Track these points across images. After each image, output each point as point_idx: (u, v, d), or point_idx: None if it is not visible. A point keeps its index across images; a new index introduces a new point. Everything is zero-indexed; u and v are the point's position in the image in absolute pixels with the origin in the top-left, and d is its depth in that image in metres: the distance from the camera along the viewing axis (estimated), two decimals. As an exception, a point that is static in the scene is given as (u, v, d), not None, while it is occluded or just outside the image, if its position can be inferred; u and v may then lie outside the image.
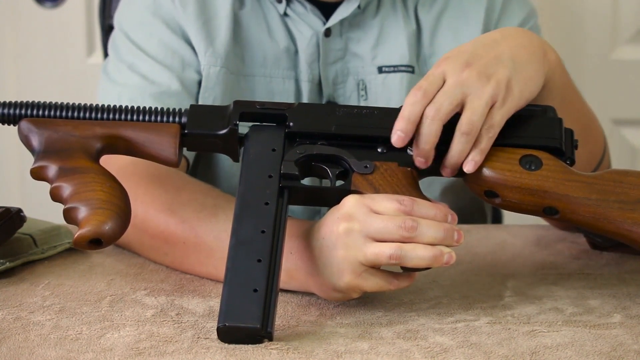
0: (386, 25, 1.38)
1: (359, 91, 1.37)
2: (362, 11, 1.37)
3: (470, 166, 1.05)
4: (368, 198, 1.01)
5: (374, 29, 1.38)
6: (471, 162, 1.05)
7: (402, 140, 1.05)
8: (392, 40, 1.37)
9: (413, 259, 0.99)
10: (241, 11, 1.36)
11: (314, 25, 1.36)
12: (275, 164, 1.04)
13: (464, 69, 1.05)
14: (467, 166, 1.05)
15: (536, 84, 1.09)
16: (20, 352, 0.94)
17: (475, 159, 1.05)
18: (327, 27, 1.35)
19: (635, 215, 1.04)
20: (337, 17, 1.35)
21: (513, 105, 1.06)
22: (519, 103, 1.07)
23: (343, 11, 1.35)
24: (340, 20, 1.36)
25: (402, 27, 1.37)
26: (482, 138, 1.05)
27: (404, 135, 1.04)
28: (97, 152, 1.06)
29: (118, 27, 1.39)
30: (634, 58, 2.24)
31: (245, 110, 1.07)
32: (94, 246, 1.00)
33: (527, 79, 1.08)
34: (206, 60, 1.34)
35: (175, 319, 1.02)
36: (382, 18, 1.38)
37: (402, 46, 1.37)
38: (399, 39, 1.37)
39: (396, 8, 1.38)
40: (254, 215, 1.00)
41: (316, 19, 1.36)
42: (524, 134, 1.07)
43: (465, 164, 1.06)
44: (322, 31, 1.35)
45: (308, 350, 0.94)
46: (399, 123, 1.04)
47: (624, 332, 1.00)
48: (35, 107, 1.07)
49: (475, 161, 1.05)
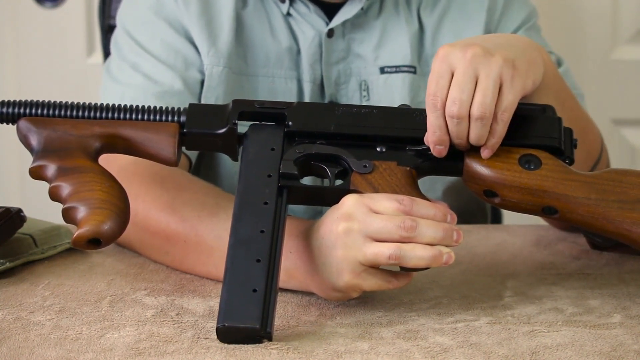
0: (388, 26, 1.38)
1: (361, 92, 1.38)
2: (364, 12, 1.37)
3: (488, 153, 1.05)
4: (367, 197, 1.01)
5: (376, 30, 1.38)
6: (488, 149, 1.05)
7: (443, 151, 1.04)
8: (394, 41, 1.38)
9: (412, 259, 0.99)
10: (244, 11, 1.36)
11: (316, 26, 1.36)
12: (275, 164, 1.04)
13: (467, 49, 1.03)
14: (484, 152, 1.05)
15: (539, 68, 1.09)
16: (20, 352, 0.94)
17: (493, 145, 1.04)
18: (330, 28, 1.36)
19: (634, 214, 1.04)
20: (340, 18, 1.35)
21: (522, 83, 1.04)
22: (527, 82, 1.05)
23: (346, 12, 1.36)
24: (343, 21, 1.36)
25: (405, 27, 1.38)
26: (499, 122, 1.03)
27: (444, 146, 1.04)
28: (96, 151, 1.06)
29: (121, 27, 1.39)
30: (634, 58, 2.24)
31: (244, 109, 1.07)
32: (92, 246, 1.00)
33: (530, 61, 1.07)
34: (209, 60, 1.34)
35: (175, 319, 1.02)
36: (384, 19, 1.38)
37: (404, 47, 1.37)
38: (401, 40, 1.38)
39: (398, 9, 1.38)
40: (253, 215, 1.00)
41: (319, 20, 1.36)
42: (523, 133, 1.07)
43: (483, 150, 1.05)
44: (325, 32, 1.36)
45: (308, 350, 0.94)
46: (432, 137, 1.04)
47: (624, 332, 1.00)
48: (34, 106, 1.07)
49: (493, 147, 1.05)
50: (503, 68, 1.03)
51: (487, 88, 1.02)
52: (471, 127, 1.03)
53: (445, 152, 1.05)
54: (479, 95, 1.02)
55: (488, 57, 1.03)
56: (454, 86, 1.02)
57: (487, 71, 1.02)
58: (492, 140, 1.04)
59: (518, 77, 1.04)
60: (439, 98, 1.03)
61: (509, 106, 1.03)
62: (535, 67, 1.08)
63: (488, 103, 1.02)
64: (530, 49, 1.10)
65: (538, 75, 1.08)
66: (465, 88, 1.02)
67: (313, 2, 1.36)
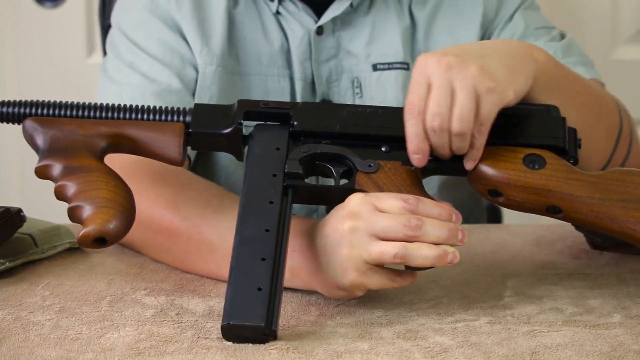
0: (379, 23, 1.38)
1: (354, 89, 1.38)
2: (354, 9, 1.37)
3: (471, 164, 1.06)
4: (373, 196, 1.02)
5: (366, 27, 1.38)
6: (471, 161, 1.06)
7: (422, 160, 1.05)
8: (386, 37, 1.37)
9: (418, 258, 0.99)
10: (235, 10, 1.36)
11: (305, 24, 1.36)
12: (280, 163, 1.04)
13: (441, 58, 1.04)
14: (467, 165, 1.06)
15: (523, 75, 1.08)
16: (20, 352, 0.94)
17: (474, 156, 1.05)
18: (319, 25, 1.36)
19: (638, 214, 1.04)
20: (328, 15, 1.35)
21: (499, 94, 1.04)
22: (506, 92, 1.05)
23: (335, 9, 1.35)
24: (332, 18, 1.36)
25: (396, 23, 1.37)
26: (477, 135, 1.04)
27: (422, 155, 1.05)
28: (102, 151, 1.06)
29: (116, 27, 1.39)
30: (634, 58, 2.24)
31: (250, 109, 1.07)
32: (98, 245, 1.00)
33: (512, 69, 1.07)
34: (202, 60, 1.34)
35: (175, 319, 1.02)
36: (374, 15, 1.38)
37: (396, 43, 1.37)
38: (393, 36, 1.37)
39: (389, 5, 1.38)
40: (258, 214, 1.00)
41: (308, 17, 1.36)
42: (527, 133, 1.07)
43: (465, 163, 1.06)
44: (314, 29, 1.35)
45: (308, 350, 0.94)
46: (412, 146, 1.04)
47: (624, 332, 1.00)
48: (40, 106, 1.07)
49: (475, 158, 1.05)
50: (477, 79, 1.03)
51: (464, 102, 1.02)
52: (452, 140, 1.04)
53: (424, 161, 1.05)
54: (457, 110, 1.03)
55: (463, 69, 1.03)
56: (432, 100, 1.03)
57: (462, 83, 1.03)
58: (473, 151, 1.05)
59: (496, 86, 1.04)
60: (416, 106, 1.03)
61: (486, 119, 1.04)
62: (517, 75, 1.07)
63: (466, 116, 1.03)
64: (517, 56, 1.10)
65: (521, 84, 1.08)
66: (443, 102, 1.03)
67: (302, 0, 1.36)
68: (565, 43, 1.38)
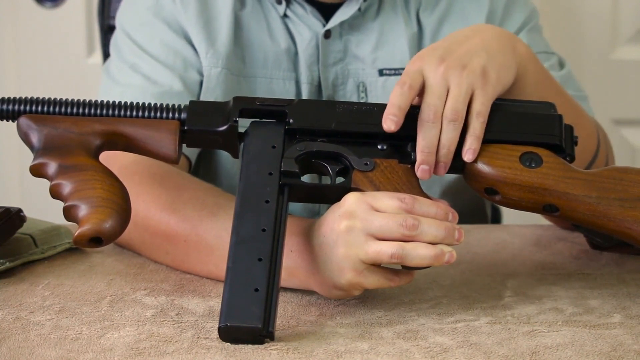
0: (386, 28, 1.38)
1: (359, 93, 1.38)
2: (362, 14, 1.37)
3: (470, 154, 1.05)
4: (369, 196, 1.01)
5: (374, 32, 1.38)
6: (470, 150, 1.05)
7: (395, 123, 1.04)
8: (393, 43, 1.38)
9: (414, 257, 0.99)
10: (242, 12, 1.36)
11: (313, 27, 1.36)
12: (275, 161, 1.04)
13: (439, 64, 1.06)
14: (467, 155, 1.05)
15: (510, 71, 1.10)
16: (20, 352, 0.94)
17: (473, 146, 1.05)
18: (327, 29, 1.36)
19: (635, 212, 1.04)
20: (337, 19, 1.36)
21: (492, 89, 1.07)
22: (497, 88, 1.08)
23: (343, 13, 1.35)
24: (340, 23, 1.36)
25: (403, 29, 1.38)
26: (474, 125, 1.05)
27: (397, 118, 1.04)
28: (97, 149, 1.05)
29: (120, 28, 1.39)
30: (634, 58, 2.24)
31: (245, 107, 1.07)
32: (94, 244, 1.00)
33: (501, 66, 1.09)
34: (207, 62, 1.34)
35: (175, 319, 1.02)
36: (382, 21, 1.38)
37: (403, 49, 1.37)
38: (400, 42, 1.38)
39: (397, 11, 1.38)
40: (255, 213, 1.00)
41: (316, 21, 1.36)
42: (523, 131, 1.07)
43: (464, 153, 1.05)
44: (322, 33, 1.36)
45: (308, 350, 0.94)
46: (391, 108, 1.04)
47: (624, 332, 1.00)
48: (35, 103, 1.07)
49: (474, 149, 1.05)
50: (473, 78, 1.05)
51: (459, 94, 1.04)
52: (443, 130, 1.04)
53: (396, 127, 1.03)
54: (451, 101, 1.04)
55: (459, 71, 1.05)
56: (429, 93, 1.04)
57: (457, 82, 1.05)
58: (471, 140, 1.05)
59: (489, 84, 1.06)
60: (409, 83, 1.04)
61: (483, 109, 1.05)
62: (505, 72, 1.09)
63: (459, 107, 1.04)
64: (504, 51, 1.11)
65: (509, 79, 1.10)
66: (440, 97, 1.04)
67: (310, 3, 1.36)
68: (563, 75, 1.38)
